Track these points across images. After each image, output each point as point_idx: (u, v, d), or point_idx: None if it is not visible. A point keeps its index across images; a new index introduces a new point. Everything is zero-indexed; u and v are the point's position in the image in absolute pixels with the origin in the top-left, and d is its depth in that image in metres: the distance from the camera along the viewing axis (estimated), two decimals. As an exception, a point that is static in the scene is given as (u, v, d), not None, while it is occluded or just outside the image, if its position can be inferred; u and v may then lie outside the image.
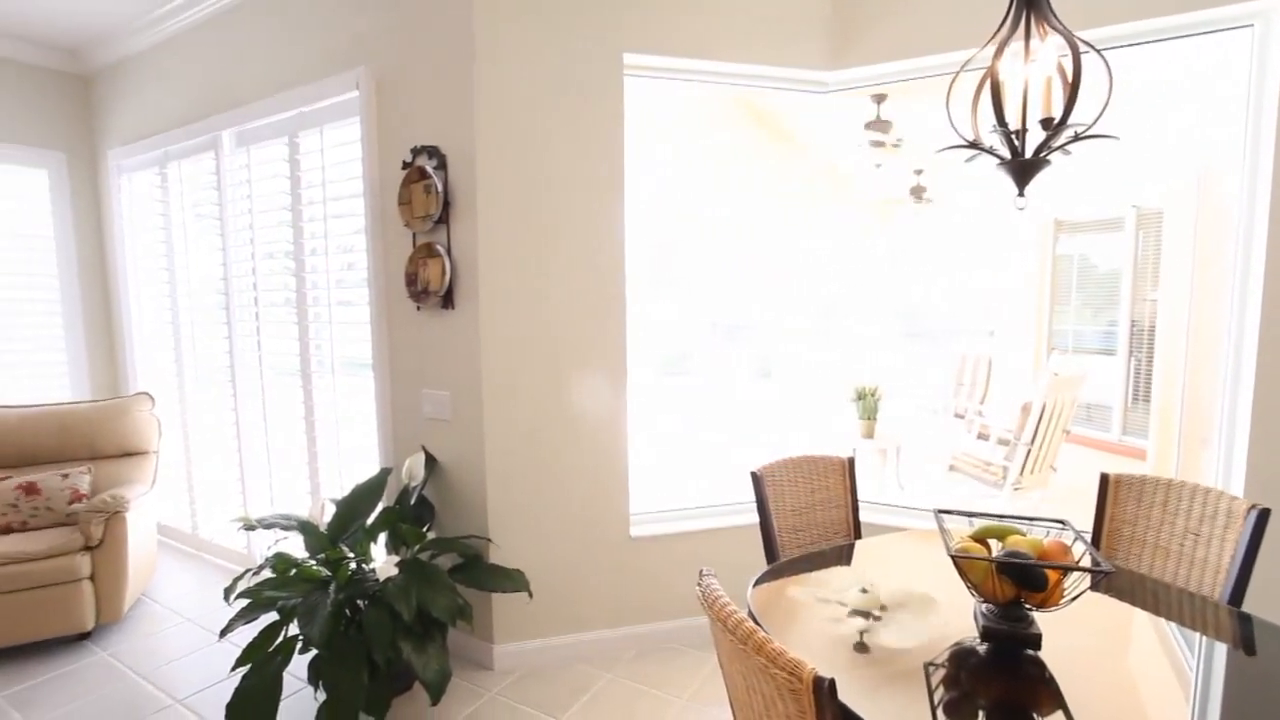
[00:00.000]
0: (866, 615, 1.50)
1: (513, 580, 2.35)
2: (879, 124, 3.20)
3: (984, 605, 1.39)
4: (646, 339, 2.85)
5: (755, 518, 2.01)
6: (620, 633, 2.69)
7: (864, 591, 1.61)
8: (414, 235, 2.60)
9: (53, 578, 2.64)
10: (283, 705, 1.95)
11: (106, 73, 4.02)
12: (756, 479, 2.01)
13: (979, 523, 1.53)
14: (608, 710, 2.31)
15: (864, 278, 3.36)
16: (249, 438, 3.44)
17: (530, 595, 2.39)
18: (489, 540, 2.51)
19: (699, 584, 1.13)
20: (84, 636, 2.81)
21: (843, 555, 1.96)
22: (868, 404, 3.71)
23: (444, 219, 2.50)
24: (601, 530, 2.64)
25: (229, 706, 1.87)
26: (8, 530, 2.85)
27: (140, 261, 4.00)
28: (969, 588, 1.37)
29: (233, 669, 1.99)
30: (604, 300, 2.55)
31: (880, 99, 3.12)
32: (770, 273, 3.11)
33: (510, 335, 2.48)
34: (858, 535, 2.17)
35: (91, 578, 2.75)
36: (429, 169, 2.48)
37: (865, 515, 2.30)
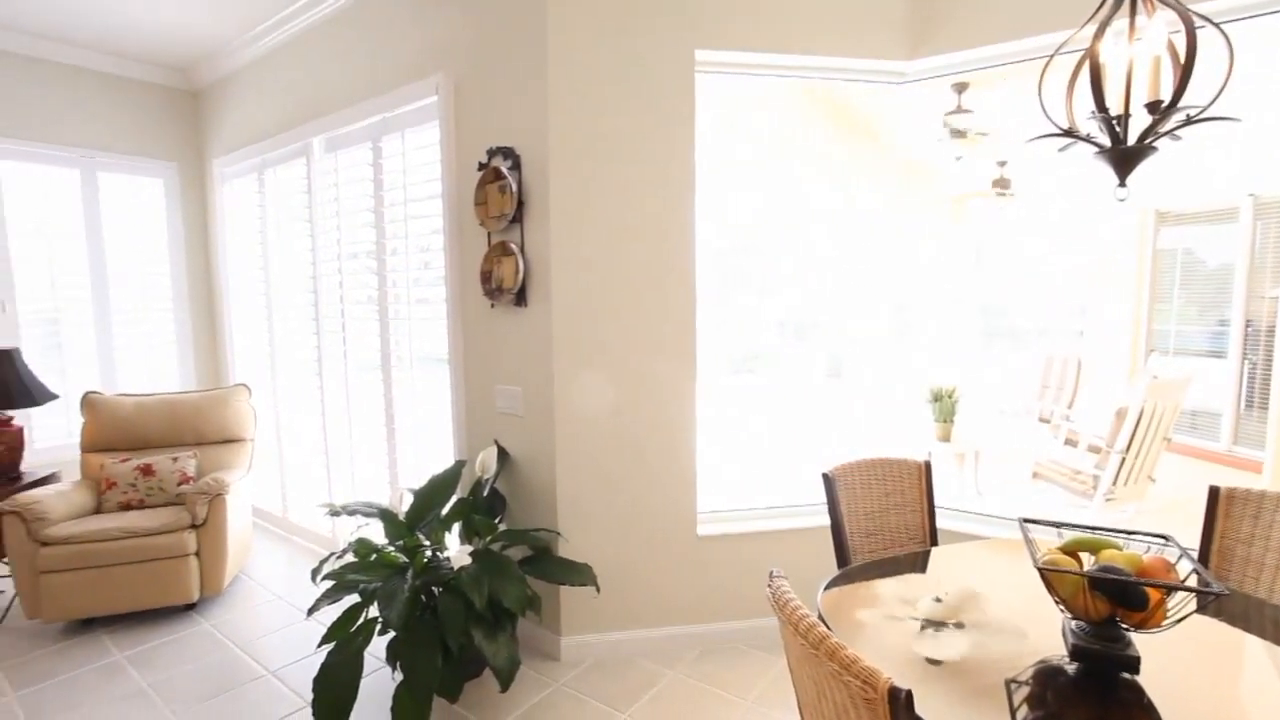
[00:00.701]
0: (940, 625, 1.44)
1: (580, 574, 2.39)
2: (960, 114, 3.05)
3: (1074, 622, 1.31)
4: (715, 337, 2.84)
5: (825, 520, 1.97)
6: (685, 631, 2.70)
7: (938, 601, 1.54)
8: (489, 234, 2.68)
9: (166, 551, 2.89)
10: (363, 683, 2.05)
11: (212, 88, 4.35)
12: (828, 481, 1.96)
13: (1067, 534, 1.44)
14: (672, 707, 2.32)
15: (942, 274, 3.22)
16: (334, 428, 3.65)
17: (598, 590, 2.43)
18: (558, 534, 2.56)
19: (769, 585, 1.12)
20: (190, 607, 3.06)
21: (917, 562, 1.89)
22: (944, 405, 3.55)
23: (518, 218, 2.56)
24: (668, 528, 2.65)
25: (316, 680, 1.99)
26: (128, 507, 3.13)
27: (239, 262, 4.31)
28: (1057, 603, 1.30)
29: (318, 645, 2.11)
30: (673, 298, 2.55)
31: (961, 88, 2.98)
32: (843, 270, 3.03)
33: (581, 332, 2.52)
34: (934, 542, 2.08)
35: (197, 554, 2.99)
36: (504, 169, 2.55)
37: (942, 521, 2.21)
